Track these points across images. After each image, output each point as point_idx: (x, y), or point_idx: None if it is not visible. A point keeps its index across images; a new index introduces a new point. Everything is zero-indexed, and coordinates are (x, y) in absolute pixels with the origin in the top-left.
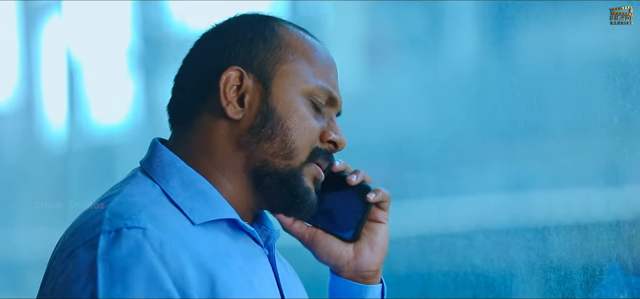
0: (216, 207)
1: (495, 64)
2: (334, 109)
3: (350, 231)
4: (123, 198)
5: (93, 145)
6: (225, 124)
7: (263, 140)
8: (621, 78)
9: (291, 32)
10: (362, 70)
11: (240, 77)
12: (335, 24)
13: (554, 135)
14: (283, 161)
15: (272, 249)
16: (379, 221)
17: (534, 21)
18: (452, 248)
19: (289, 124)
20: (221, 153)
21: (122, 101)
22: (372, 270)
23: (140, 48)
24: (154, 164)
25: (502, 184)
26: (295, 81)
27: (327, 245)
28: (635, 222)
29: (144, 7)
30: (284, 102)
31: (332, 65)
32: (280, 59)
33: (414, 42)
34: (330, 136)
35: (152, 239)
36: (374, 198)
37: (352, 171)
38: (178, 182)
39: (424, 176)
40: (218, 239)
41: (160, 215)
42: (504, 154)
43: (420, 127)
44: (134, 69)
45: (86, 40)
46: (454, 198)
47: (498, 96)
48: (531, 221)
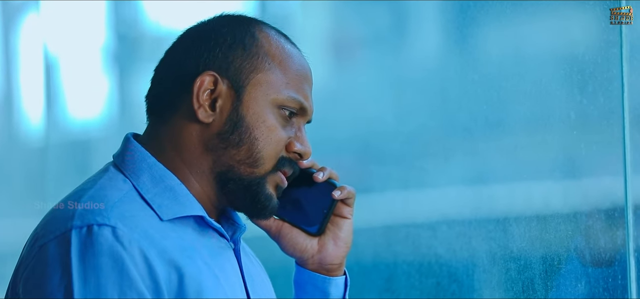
0: (184, 204)
1: (457, 61)
2: (303, 118)
3: (315, 225)
4: (95, 192)
5: (69, 139)
6: (196, 126)
7: (230, 146)
8: (578, 75)
9: (271, 40)
10: (329, 67)
11: (215, 82)
12: (302, 22)
13: (514, 130)
14: (248, 168)
15: (237, 243)
16: (344, 216)
17: (494, 20)
18: (417, 238)
19: (257, 134)
20: (190, 153)
21: (98, 96)
22: (336, 263)
23: (115, 46)
24: (126, 159)
25: (464, 177)
26: (267, 90)
27: (293, 238)
28: (592, 214)
29: (118, 6)
30: (254, 111)
31: (307, 75)
32: (256, 68)
33: (379, 40)
34: (296, 147)
35: (122, 238)
36: (339, 195)
37: (319, 168)
38: (148, 178)
39: (389, 169)
40: (185, 235)
41: (130, 212)
42: (466, 148)
43: (385, 122)
44: (109, 66)
45: (63, 37)
46: (418, 191)
47: (460, 92)
48: (492, 213)
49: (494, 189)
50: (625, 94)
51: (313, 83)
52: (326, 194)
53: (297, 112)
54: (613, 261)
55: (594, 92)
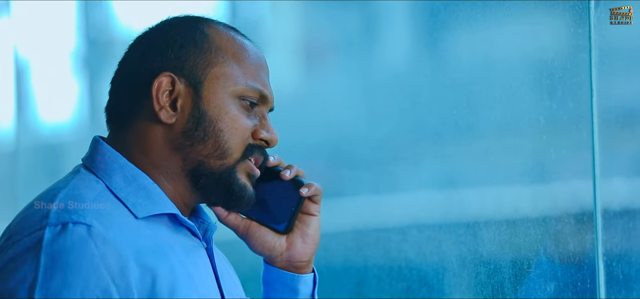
0: (157, 202)
1: (427, 65)
2: (265, 106)
3: (283, 223)
4: (70, 191)
5: (40, 143)
6: (160, 128)
7: (196, 142)
8: (547, 80)
9: (221, 34)
10: (299, 71)
11: (172, 82)
12: (272, 26)
13: (483, 134)
14: (217, 161)
15: (209, 242)
16: (312, 213)
17: (464, 24)
18: (387, 242)
19: (221, 126)
20: (158, 155)
21: (68, 100)
22: (304, 261)
23: (86, 50)
24: (97, 160)
25: (434, 182)
26: (225, 83)
27: (261, 237)
28: (561, 218)
29: (89, 9)
30: (215, 105)
31: (262, 64)
32: (210, 63)
33: (350, 44)
34: (262, 134)
35: (96, 237)
36: (307, 192)
37: (286, 166)
38: (121, 178)
39: (360, 173)
40: (160, 233)
41: (105, 211)
42: (436, 153)
43: (355, 126)
44: (79, 70)
45: (33, 40)
46: (388, 195)
47: (430, 96)
48: (462, 217)
49: (464, 194)
50: (594, 98)
51: (284, 87)
52: (293, 191)
53: (257, 101)
54: (582, 264)
55: (563, 97)
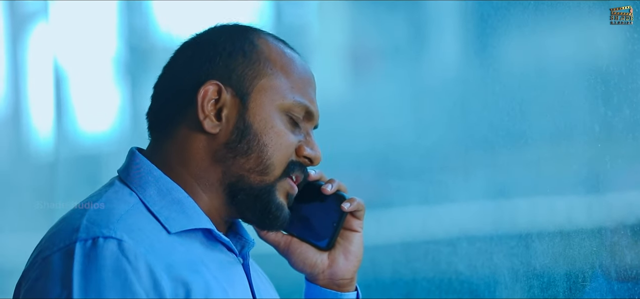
0: (192, 217)
1: (478, 72)
2: (310, 123)
3: (325, 239)
4: (101, 205)
5: (80, 153)
6: (203, 137)
7: (239, 155)
8: (602, 86)
9: (270, 45)
10: (346, 79)
11: (219, 91)
12: (319, 32)
13: (536, 143)
14: (258, 176)
15: (246, 258)
16: (354, 229)
17: (516, 29)
18: (436, 254)
19: (265, 140)
20: (198, 165)
21: (109, 109)
22: (347, 278)
23: (126, 56)
24: (132, 173)
25: (485, 192)
26: (273, 96)
27: (302, 253)
28: (617, 229)
29: (130, 15)
30: (261, 118)
31: (310, 80)
32: (258, 74)
33: (398, 50)
34: (306, 151)
35: (128, 251)
36: (349, 207)
37: (327, 180)
38: (155, 191)
39: (408, 183)
40: (193, 249)
41: (137, 225)
42: (487, 162)
43: (404, 135)
44: (120, 77)
45: (73, 47)
46: (438, 206)
47: (481, 103)
48: (514, 228)
49: (516, 204)
50: None
51: (330, 95)
52: (335, 207)
53: (303, 118)
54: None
55: (619, 104)
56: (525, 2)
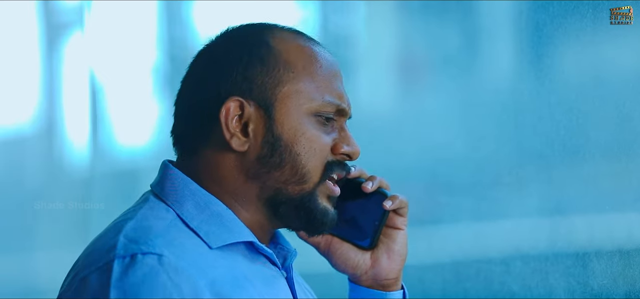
0: (233, 230)
1: (532, 83)
2: (343, 118)
3: (367, 239)
4: (138, 223)
5: (116, 168)
6: (232, 156)
7: (273, 169)
8: None
9: (288, 45)
10: (395, 90)
11: (241, 106)
12: (367, 42)
13: (594, 157)
14: (296, 186)
15: (289, 271)
16: (398, 227)
17: (572, 39)
18: (489, 274)
19: (298, 149)
20: (232, 184)
21: (147, 122)
22: (392, 278)
23: (166, 67)
24: (166, 187)
25: (540, 208)
26: (298, 101)
27: (344, 253)
28: None
29: (169, 25)
30: (289, 126)
31: (335, 72)
32: (280, 81)
33: (448, 61)
34: (343, 148)
35: (168, 266)
36: (391, 206)
37: (368, 177)
38: (192, 205)
39: (459, 199)
40: (236, 263)
41: (177, 240)
42: (542, 177)
43: (455, 148)
44: (160, 89)
45: (109, 58)
46: (490, 222)
47: (535, 116)
48: (571, 247)
49: (572, 221)
50: None
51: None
52: (377, 205)
53: (334, 115)
54: None
55: None
56: (583, 10)
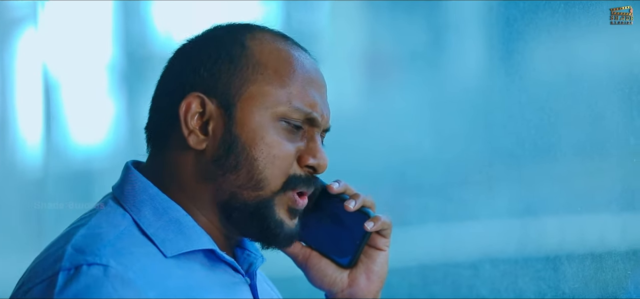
0: (191, 237)
1: (502, 80)
2: (316, 128)
3: (347, 257)
4: (89, 230)
5: (71, 168)
6: (191, 154)
7: (228, 171)
8: (638, 95)
9: (264, 45)
10: (360, 88)
11: (202, 103)
12: (331, 39)
13: (565, 157)
14: (251, 192)
15: (253, 277)
16: (379, 248)
17: (543, 35)
18: (457, 277)
19: (255, 154)
20: (190, 185)
21: (103, 120)
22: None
23: (122, 63)
24: (126, 191)
25: (510, 209)
26: (263, 103)
27: (322, 269)
28: None
29: (126, 19)
30: (249, 129)
31: (312, 79)
32: (246, 80)
33: (416, 58)
34: (308, 161)
35: (114, 278)
36: (373, 228)
37: (352, 195)
38: (150, 211)
39: (427, 200)
40: (193, 273)
41: (127, 249)
42: (512, 177)
43: (422, 148)
44: (116, 86)
45: (64, 55)
46: (458, 224)
47: (506, 114)
48: (541, 250)
49: (543, 223)
50: None
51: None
52: (359, 224)
53: (303, 124)
54: None
55: None
56: (555, 5)
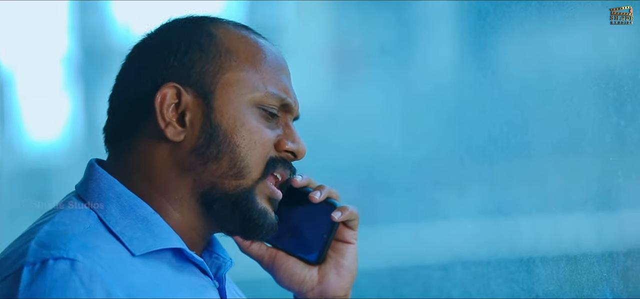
0: (159, 236)
1: (474, 76)
2: (289, 114)
3: (314, 253)
4: (53, 227)
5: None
6: (166, 146)
7: (209, 161)
8: (614, 92)
9: (231, 34)
10: (328, 83)
11: (178, 93)
12: (297, 33)
13: (539, 155)
14: (233, 181)
15: (222, 281)
16: (347, 241)
17: (517, 29)
18: (427, 279)
19: (237, 140)
20: (164, 179)
21: (59, 116)
22: (339, 296)
23: (79, 58)
24: (90, 188)
25: (482, 209)
26: (240, 90)
27: (289, 268)
28: (630, 253)
29: (83, 12)
30: (229, 116)
31: (282, 66)
32: (221, 68)
33: (385, 52)
34: (287, 145)
35: (81, 271)
36: (340, 217)
37: (316, 187)
38: (116, 209)
39: (396, 199)
40: (160, 272)
41: (94, 244)
42: (484, 176)
43: (392, 146)
44: (72, 81)
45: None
46: (429, 225)
47: (478, 111)
48: (515, 251)
49: (516, 224)
50: None
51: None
52: (325, 216)
53: (279, 111)
54: None
55: (633, 112)
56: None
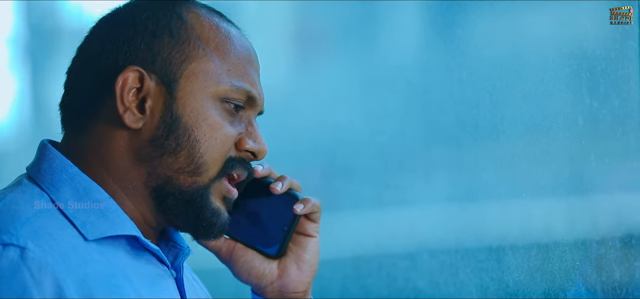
0: (114, 222)
1: (441, 56)
2: (253, 110)
3: (274, 246)
4: (5, 207)
5: None
6: (124, 133)
7: (166, 154)
8: (587, 72)
9: (203, 20)
10: (289, 65)
11: (140, 78)
12: (255, 11)
13: (509, 139)
14: (189, 177)
15: (180, 270)
16: (309, 234)
17: (486, 7)
18: (393, 269)
19: (197, 135)
20: (119, 166)
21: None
22: (300, 291)
23: (26, 37)
24: (43, 170)
25: (449, 196)
26: (205, 82)
27: (248, 261)
28: (604, 240)
29: None
30: (191, 108)
31: (251, 59)
32: (188, 57)
33: (348, 32)
34: (248, 144)
35: (31, 262)
36: (302, 210)
37: (277, 177)
38: (70, 191)
39: (359, 186)
40: (115, 258)
41: (45, 229)
42: (451, 161)
43: (355, 129)
44: (18, 61)
45: None
46: (394, 211)
47: (445, 93)
48: (484, 239)
49: (485, 211)
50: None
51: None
52: (286, 208)
53: (244, 105)
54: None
55: (607, 94)
56: None
